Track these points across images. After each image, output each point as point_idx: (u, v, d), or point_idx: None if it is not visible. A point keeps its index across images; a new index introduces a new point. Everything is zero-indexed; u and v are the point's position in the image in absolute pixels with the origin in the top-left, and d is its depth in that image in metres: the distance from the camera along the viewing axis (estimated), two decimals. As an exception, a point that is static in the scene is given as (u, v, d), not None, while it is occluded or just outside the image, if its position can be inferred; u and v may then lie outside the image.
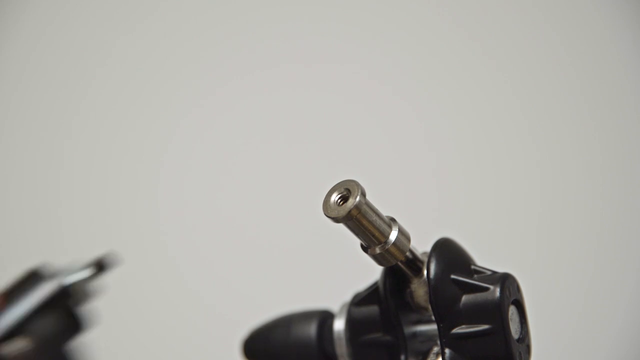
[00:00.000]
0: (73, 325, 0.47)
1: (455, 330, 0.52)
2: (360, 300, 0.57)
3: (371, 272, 0.58)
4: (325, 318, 0.59)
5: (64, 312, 0.46)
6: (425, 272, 0.54)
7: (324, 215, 0.50)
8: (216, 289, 1.24)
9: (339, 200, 0.51)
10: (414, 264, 0.54)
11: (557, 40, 1.30)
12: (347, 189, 0.50)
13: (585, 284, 1.25)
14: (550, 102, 1.30)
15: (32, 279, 0.47)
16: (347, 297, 0.58)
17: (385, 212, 0.52)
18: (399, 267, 0.54)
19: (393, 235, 0.52)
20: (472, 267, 0.54)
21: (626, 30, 1.28)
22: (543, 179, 1.29)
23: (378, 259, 0.53)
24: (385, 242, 0.52)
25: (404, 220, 0.54)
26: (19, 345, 0.45)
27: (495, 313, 0.52)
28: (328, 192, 0.51)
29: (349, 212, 0.50)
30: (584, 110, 1.30)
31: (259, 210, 1.24)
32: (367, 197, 0.50)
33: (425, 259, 0.54)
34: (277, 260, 1.28)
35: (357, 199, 0.50)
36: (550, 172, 1.29)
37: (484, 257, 0.59)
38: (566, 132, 1.29)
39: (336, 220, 0.50)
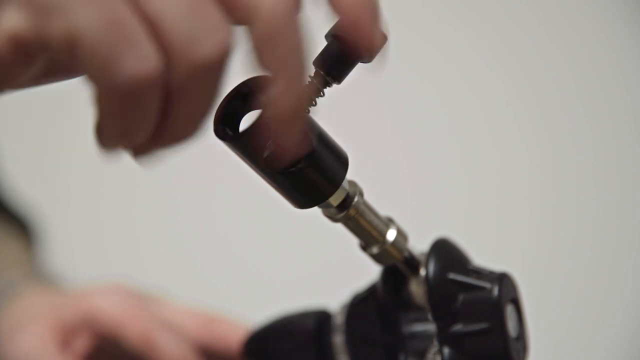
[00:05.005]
0: None
1: (453, 329, 0.53)
2: (359, 300, 0.57)
3: (371, 273, 0.58)
4: (324, 318, 0.60)
5: None
6: (423, 271, 0.54)
7: (323, 215, 0.51)
8: (216, 289, 1.24)
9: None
10: (411, 263, 0.55)
11: (557, 40, 1.30)
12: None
13: (584, 284, 1.25)
14: (550, 103, 1.30)
15: None
16: (347, 297, 0.59)
17: (383, 212, 0.53)
18: (398, 266, 0.55)
19: (391, 235, 0.52)
20: (470, 266, 0.55)
21: (626, 30, 1.28)
22: (543, 178, 1.29)
23: (377, 258, 0.53)
24: (384, 242, 0.52)
25: (403, 221, 0.54)
26: None
27: (493, 312, 0.52)
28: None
29: (347, 212, 0.50)
30: (585, 110, 1.30)
31: (258, 210, 1.24)
32: (365, 197, 0.51)
33: (424, 259, 0.54)
34: (277, 260, 1.28)
35: (355, 199, 0.50)
36: (550, 172, 1.29)
37: (483, 257, 0.59)
38: (567, 133, 1.29)
39: (334, 220, 0.51)
